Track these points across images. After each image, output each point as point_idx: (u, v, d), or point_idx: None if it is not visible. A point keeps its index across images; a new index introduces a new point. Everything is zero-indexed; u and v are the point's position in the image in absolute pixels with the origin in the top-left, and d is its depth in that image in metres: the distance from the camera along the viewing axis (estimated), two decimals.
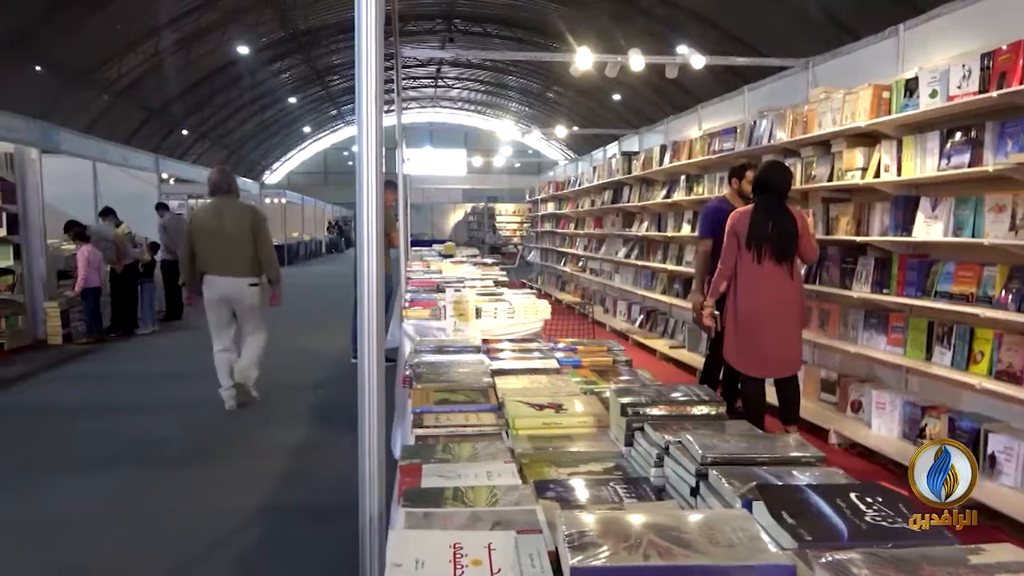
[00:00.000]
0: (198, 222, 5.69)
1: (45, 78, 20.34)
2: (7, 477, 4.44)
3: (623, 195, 9.54)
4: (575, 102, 30.98)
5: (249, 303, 5.61)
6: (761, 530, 1.09)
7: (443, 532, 1.19)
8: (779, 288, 4.17)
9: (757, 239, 4.15)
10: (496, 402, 2.21)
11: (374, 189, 1.50)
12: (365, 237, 1.51)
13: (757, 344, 4.24)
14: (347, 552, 3.36)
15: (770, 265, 4.15)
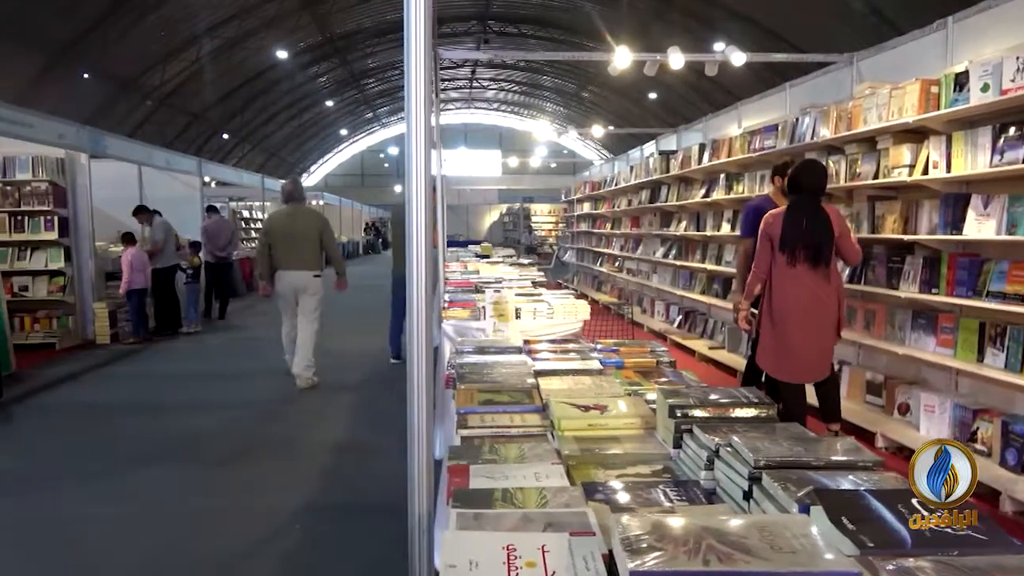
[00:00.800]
0: (274, 225, 6.56)
1: (92, 85, 20.92)
2: (60, 474, 4.57)
3: (661, 194, 9.46)
4: (610, 101, 30.84)
5: (312, 292, 6.45)
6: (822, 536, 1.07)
7: (496, 533, 1.19)
8: (813, 292, 4.01)
9: (791, 241, 4.00)
10: (540, 403, 2.21)
11: (422, 190, 1.51)
12: (414, 238, 1.52)
13: (789, 349, 4.09)
14: (390, 550, 3.41)
15: (804, 268, 3.99)
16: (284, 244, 6.35)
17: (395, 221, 7.53)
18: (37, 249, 8.68)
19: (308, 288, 6.41)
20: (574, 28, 25.31)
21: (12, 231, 8.57)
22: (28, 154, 8.67)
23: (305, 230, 6.42)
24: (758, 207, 4.94)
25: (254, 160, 35.20)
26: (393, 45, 30.38)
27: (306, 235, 6.41)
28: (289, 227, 6.40)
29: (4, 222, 8.50)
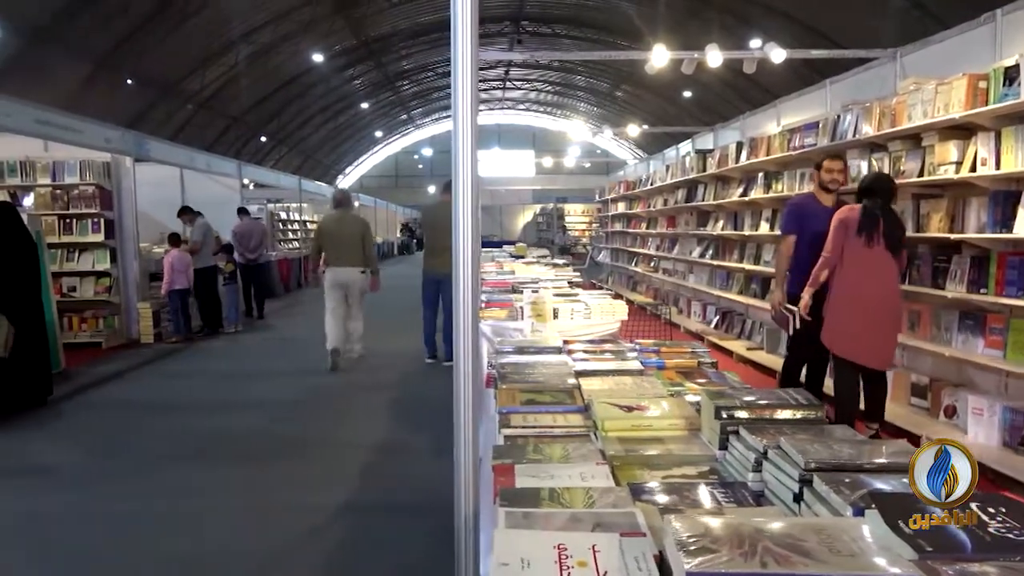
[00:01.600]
0: (325, 227, 7.63)
1: (135, 90, 21.43)
2: (106, 469, 4.69)
3: (697, 194, 9.37)
4: (645, 100, 30.65)
5: (358, 286, 7.47)
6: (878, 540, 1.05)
7: (546, 532, 1.19)
8: (886, 275, 4.26)
9: (869, 226, 4.24)
10: (582, 403, 2.21)
11: (470, 190, 1.52)
12: (461, 238, 1.53)
13: (859, 327, 4.24)
14: (426, 549, 3.44)
15: (880, 250, 4.22)
16: (333, 244, 7.38)
17: (426, 222, 7.85)
18: (85, 251, 8.92)
19: (355, 281, 7.44)
20: (608, 27, 25.22)
21: (61, 233, 8.82)
22: (76, 158, 8.91)
23: (351, 233, 7.43)
24: (800, 203, 5.01)
25: (291, 162, 35.72)
26: (427, 47, 30.58)
27: (352, 237, 7.40)
28: (337, 230, 7.44)
29: (54, 225, 8.75)
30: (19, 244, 6.17)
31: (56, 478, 4.54)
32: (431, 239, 7.59)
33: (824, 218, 4.84)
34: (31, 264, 6.30)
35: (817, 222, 4.82)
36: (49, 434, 5.49)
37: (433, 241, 7.51)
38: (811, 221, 4.82)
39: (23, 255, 6.20)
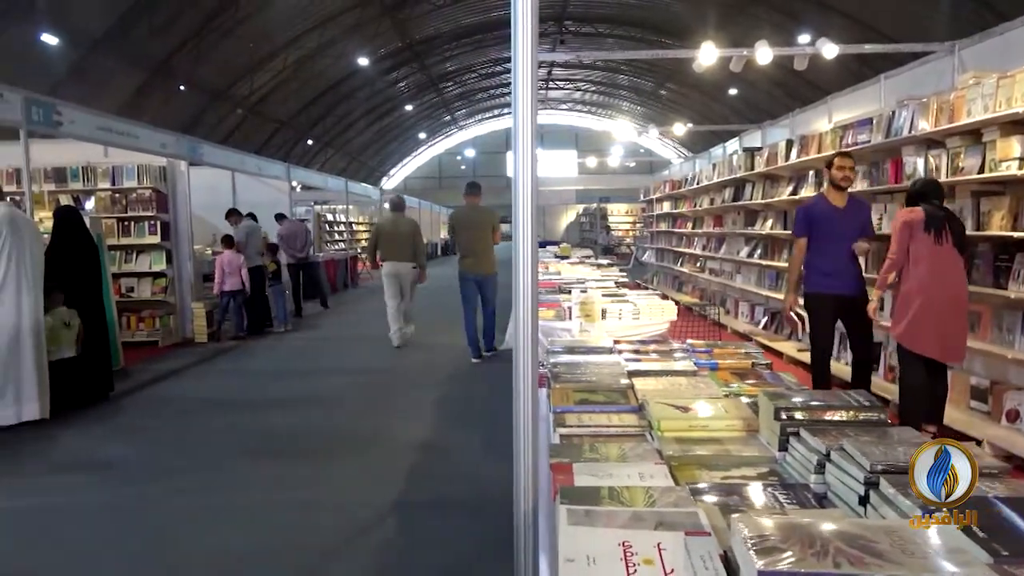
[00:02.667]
0: (383, 227, 8.75)
1: (187, 97, 22.01)
2: (163, 464, 4.84)
3: (745, 192, 9.24)
4: (689, 99, 30.32)
5: (409, 278, 8.53)
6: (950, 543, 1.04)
7: (610, 530, 1.21)
8: (956, 271, 4.28)
9: (937, 224, 4.26)
10: (636, 403, 2.21)
11: (529, 190, 1.54)
12: (521, 238, 1.55)
13: (932, 322, 4.24)
14: (476, 546, 3.46)
15: (948, 247, 4.25)
16: (389, 242, 8.43)
17: (456, 224, 7.99)
18: (142, 252, 9.20)
19: (406, 274, 8.48)
20: (652, 26, 25.01)
21: (120, 235, 9.11)
22: (134, 163, 9.20)
23: (404, 233, 8.46)
24: (810, 206, 5.09)
25: (336, 164, 36.27)
26: (469, 49, 30.74)
27: (405, 236, 8.43)
28: (393, 230, 8.50)
29: (113, 227, 9.05)
30: (83, 246, 6.43)
31: (117, 471, 4.70)
32: (463, 240, 7.80)
33: (835, 217, 4.85)
34: (94, 265, 6.55)
35: (828, 222, 4.86)
36: (110, 429, 5.68)
37: (465, 242, 7.76)
38: (822, 222, 4.89)
39: (86, 257, 6.46)
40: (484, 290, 7.71)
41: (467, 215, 7.79)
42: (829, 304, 4.87)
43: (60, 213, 6.56)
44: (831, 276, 4.86)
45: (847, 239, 4.85)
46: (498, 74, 36.10)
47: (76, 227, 6.45)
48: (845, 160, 4.94)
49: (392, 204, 9.09)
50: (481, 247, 7.64)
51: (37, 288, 5.70)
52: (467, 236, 7.70)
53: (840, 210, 4.91)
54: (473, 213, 7.80)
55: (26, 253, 5.60)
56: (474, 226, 7.69)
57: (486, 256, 7.65)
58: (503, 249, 8.46)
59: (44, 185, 9.07)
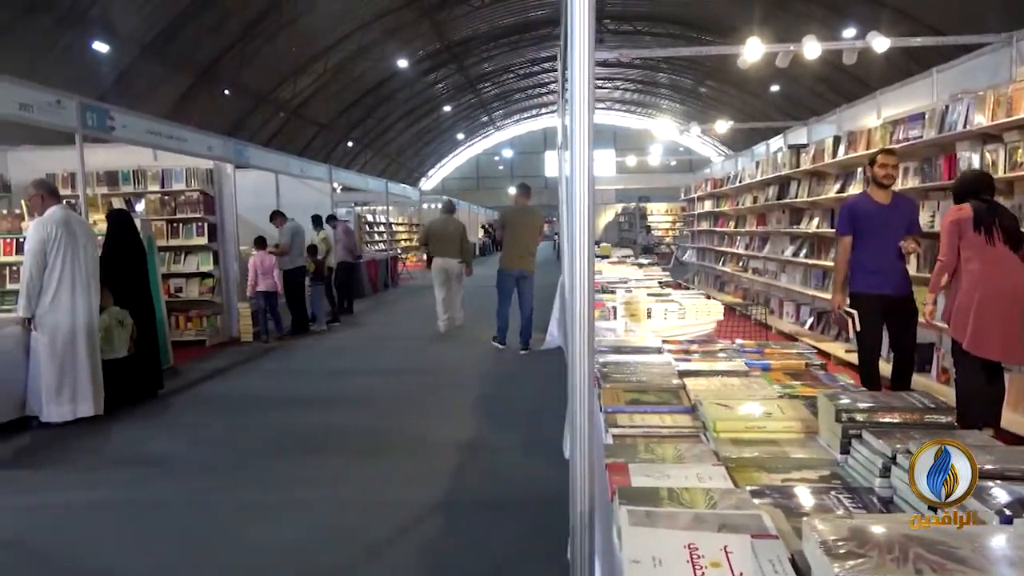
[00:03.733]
0: (434, 227, 9.62)
1: (232, 100, 22.46)
2: (211, 461, 4.94)
3: (790, 190, 9.08)
4: (730, 96, 29.94)
5: (455, 272, 9.38)
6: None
7: (675, 532, 1.19)
8: (1010, 269, 4.16)
9: (987, 222, 4.16)
10: (689, 403, 2.18)
11: (586, 191, 1.52)
12: (577, 238, 1.53)
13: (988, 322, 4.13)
14: (521, 544, 3.46)
15: (1001, 246, 4.16)
16: (438, 241, 9.30)
17: (506, 223, 8.41)
18: (190, 253, 9.41)
19: (453, 269, 9.33)
20: (690, 22, 24.76)
21: (169, 237, 9.32)
22: (182, 166, 9.42)
23: (452, 232, 9.29)
24: (854, 204, 4.97)
25: (376, 166, 36.66)
26: (507, 49, 30.79)
27: (453, 236, 9.26)
28: (443, 230, 9.37)
29: (163, 228, 9.26)
30: (134, 248, 6.62)
31: (165, 467, 4.81)
32: (510, 239, 8.21)
33: (880, 215, 4.74)
34: (145, 266, 6.74)
35: (873, 220, 4.76)
36: (159, 426, 5.82)
37: (512, 241, 8.18)
38: (866, 220, 4.78)
39: (138, 258, 6.65)
40: (523, 287, 8.15)
41: (517, 214, 8.31)
42: (875, 304, 4.76)
43: (113, 216, 6.75)
44: (876, 275, 4.74)
45: (893, 237, 4.72)
46: (535, 74, 36.10)
47: (128, 229, 6.64)
48: (888, 157, 4.82)
49: (444, 207, 10.08)
50: (527, 246, 8.17)
51: (91, 289, 5.86)
52: (515, 234, 8.17)
53: (884, 207, 4.78)
54: (523, 213, 8.32)
55: (80, 255, 5.76)
56: (523, 225, 8.20)
57: (530, 254, 8.17)
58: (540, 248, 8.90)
59: (97, 188, 9.32)
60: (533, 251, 8.20)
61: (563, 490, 1.63)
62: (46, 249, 5.58)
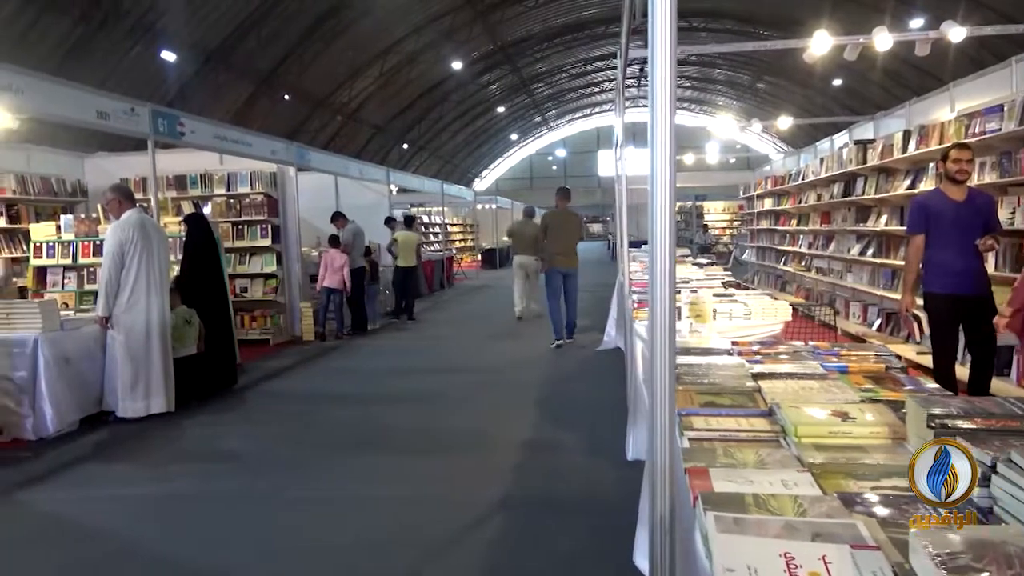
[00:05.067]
0: (516, 229, 10.77)
1: (292, 105, 22.99)
2: (279, 457, 5.05)
3: (856, 187, 8.80)
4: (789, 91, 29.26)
5: (533, 268, 10.33)
6: None
7: (769, 540, 1.16)
8: None
9: None
10: (765, 407, 2.13)
11: (667, 191, 1.50)
12: (658, 239, 1.51)
13: None
14: (586, 545, 3.44)
15: None
16: (519, 241, 10.44)
17: (549, 225, 8.98)
18: (254, 254, 9.65)
19: (531, 265, 10.32)
20: (748, 17, 24.28)
21: (234, 238, 9.59)
22: (247, 170, 9.67)
23: (531, 234, 10.06)
24: (926, 201, 4.77)
25: (430, 167, 37.03)
26: (560, 49, 30.72)
27: (531, 236, 10.01)
28: (522, 231, 10.46)
29: (228, 231, 9.53)
30: (211, 249, 6.94)
31: (235, 462, 4.95)
32: (553, 240, 8.80)
33: (953, 212, 4.53)
34: (220, 266, 7.05)
35: (946, 217, 4.55)
36: (228, 423, 5.98)
37: (555, 241, 8.79)
38: (940, 217, 4.58)
39: (215, 258, 6.98)
40: (567, 283, 8.78)
41: (557, 217, 8.94)
42: (949, 305, 4.57)
43: (192, 219, 7.02)
44: (950, 275, 4.55)
45: (968, 235, 4.50)
46: (588, 73, 35.93)
47: (206, 231, 6.92)
48: (962, 152, 4.58)
49: (525, 212, 11.37)
50: (570, 245, 8.78)
51: (164, 289, 6.08)
52: (557, 235, 8.77)
53: (959, 204, 4.57)
54: (563, 215, 8.97)
55: (154, 257, 5.98)
56: (563, 227, 8.81)
57: (573, 253, 8.80)
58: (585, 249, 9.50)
59: (167, 192, 9.65)
60: (574, 250, 8.82)
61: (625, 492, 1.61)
62: (123, 251, 5.80)
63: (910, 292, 4.85)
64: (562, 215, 8.96)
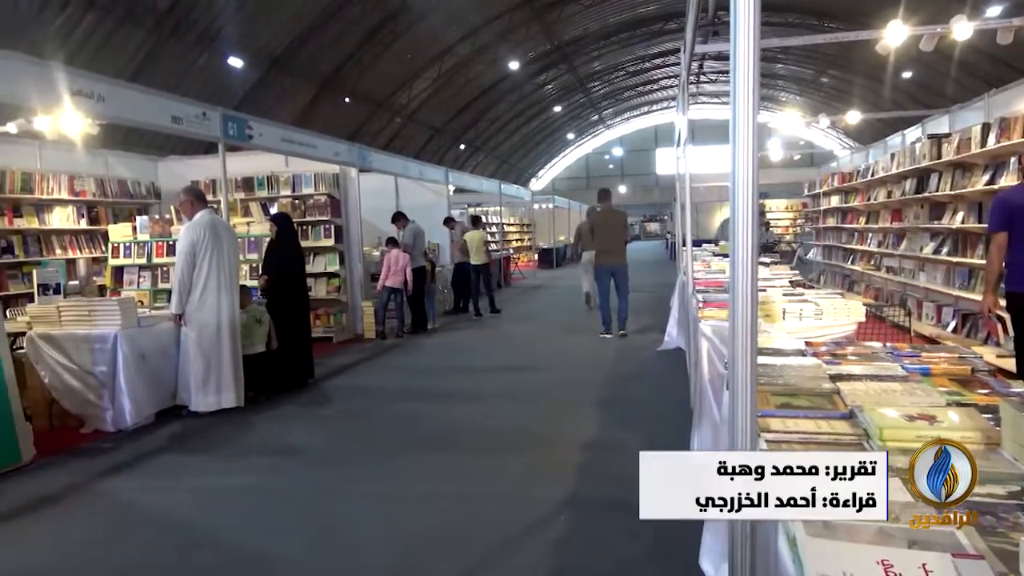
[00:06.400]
0: (582, 229, 11.54)
1: (352, 108, 23.42)
2: (343, 454, 5.15)
3: (930, 183, 8.47)
4: (854, 85, 28.33)
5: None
6: None
7: (864, 546, 1.13)
8: None
9: None
10: (845, 409, 2.07)
11: (750, 190, 1.47)
12: (740, 239, 1.49)
13: None
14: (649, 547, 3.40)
15: None
16: (586, 239, 10.96)
17: (596, 224, 9.49)
18: (319, 254, 9.87)
19: None
20: (811, 10, 23.62)
21: (300, 239, 9.80)
22: (311, 171, 9.89)
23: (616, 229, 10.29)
24: (1008, 198, 4.61)
25: (487, 167, 37.22)
26: (617, 47, 30.49)
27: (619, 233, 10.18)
28: (588, 230, 10.64)
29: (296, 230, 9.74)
30: (295, 247, 7.29)
31: (300, 457, 5.07)
32: (599, 238, 9.24)
33: None
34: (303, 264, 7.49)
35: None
36: (294, 418, 6.13)
37: (601, 239, 9.20)
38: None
39: (298, 257, 7.33)
40: (618, 278, 9.11)
41: (604, 216, 9.35)
42: None
43: (279, 218, 7.30)
44: None
45: None
46: (646, 71, 35.57)
47: (290, 230, 7.26)
48: None
49: (588, 213, 12.50)
50: (616, 243, 9.13)
51: (234, 288, 6.27)
52: (604, 234, 9.19)
53: None
54: (608, 215, 9.31)
55: (224, 256, 6.17)
56: (609, 226, 9.19)
57: (620, 250, 9.14)
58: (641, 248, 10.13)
59: (235, 193, 9.95)
60: (622, 247, 9.20)
61: None
62: (196, 251, 6.00)
63: (992, 292, 4.69)
64: (607, 214, 9.35)
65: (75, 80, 5.31)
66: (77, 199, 9.21)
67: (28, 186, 8.57)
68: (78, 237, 9.38)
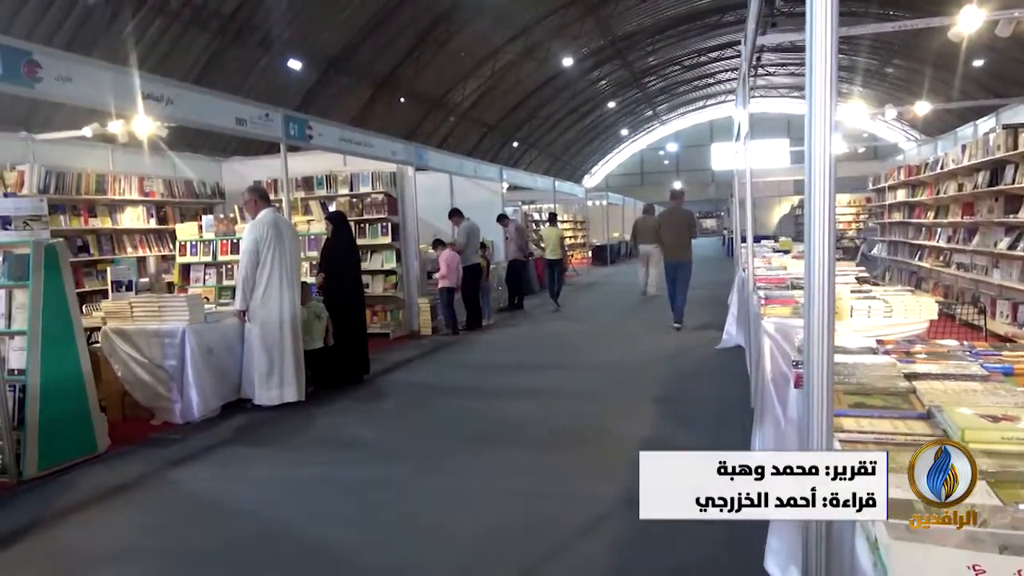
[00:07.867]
0: (638, 223, 13.01)
1: (407, 107, 23.68)
2: (401, 448, 5.22)
3: (1004, 176, 8.11)
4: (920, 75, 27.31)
5: (656, 257, 12.41)
6: None
7: (955, 550, 1.09)
8: None
9: None
10: (922, 409, 2.00)
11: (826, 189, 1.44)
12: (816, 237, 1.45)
13: None
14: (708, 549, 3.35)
15: None
16: (643, 233, 12.45)
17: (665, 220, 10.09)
18: (376, 252, 10.02)
19: (652, 253, 12.77)
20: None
21: (357, 236, 9.96)
22: (368, 170, 10.05)
23: (652, 227, 11.56)
24: None
25: (541, 164, 37.20)
26: (672, 41, 30.07)
27: (652, 229, 11.50)
28: (644, 224, 12.57)
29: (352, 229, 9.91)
30: (352, 245, 7.42)
31: (360, 451, 5.17)
32: (666, 235, 9.91)
33: None
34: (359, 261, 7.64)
35: None
36: (354, 413, 6.24)
37: (668, 236, 9.87)
38: None
39: (354, 254, 7.47)
40: (679, 273, 9.67)
41: (671, 214, 10.01)
42: None
43: (335, 217, 7.43)
44: None
45: None
46: (702, 64, 34.99)
47: (347, 228, 7.39)
48: None
49: (644, 209, 13.83)
50: (681, 240, 9.70)
51: (295, 285, 6.42)
52: (670, 232, 9.83)
53: None
54: (675, 213, 9.97)
55: (287, 254, 6.32)
56: (675, 224, 9.80)
57: (684, 246, 9.70)
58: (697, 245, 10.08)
59: (295, 192, 10.17)
60: (686, 243, 9.69)
61: None
62: (259, 248, 6.16)
63: None
64: (673, 213, 10.00)
65: (146, 84, 5.52)
66: (147, 199, 9.55)
67: (102, 187, 8.93)
68: (148, 236, 9.72)
